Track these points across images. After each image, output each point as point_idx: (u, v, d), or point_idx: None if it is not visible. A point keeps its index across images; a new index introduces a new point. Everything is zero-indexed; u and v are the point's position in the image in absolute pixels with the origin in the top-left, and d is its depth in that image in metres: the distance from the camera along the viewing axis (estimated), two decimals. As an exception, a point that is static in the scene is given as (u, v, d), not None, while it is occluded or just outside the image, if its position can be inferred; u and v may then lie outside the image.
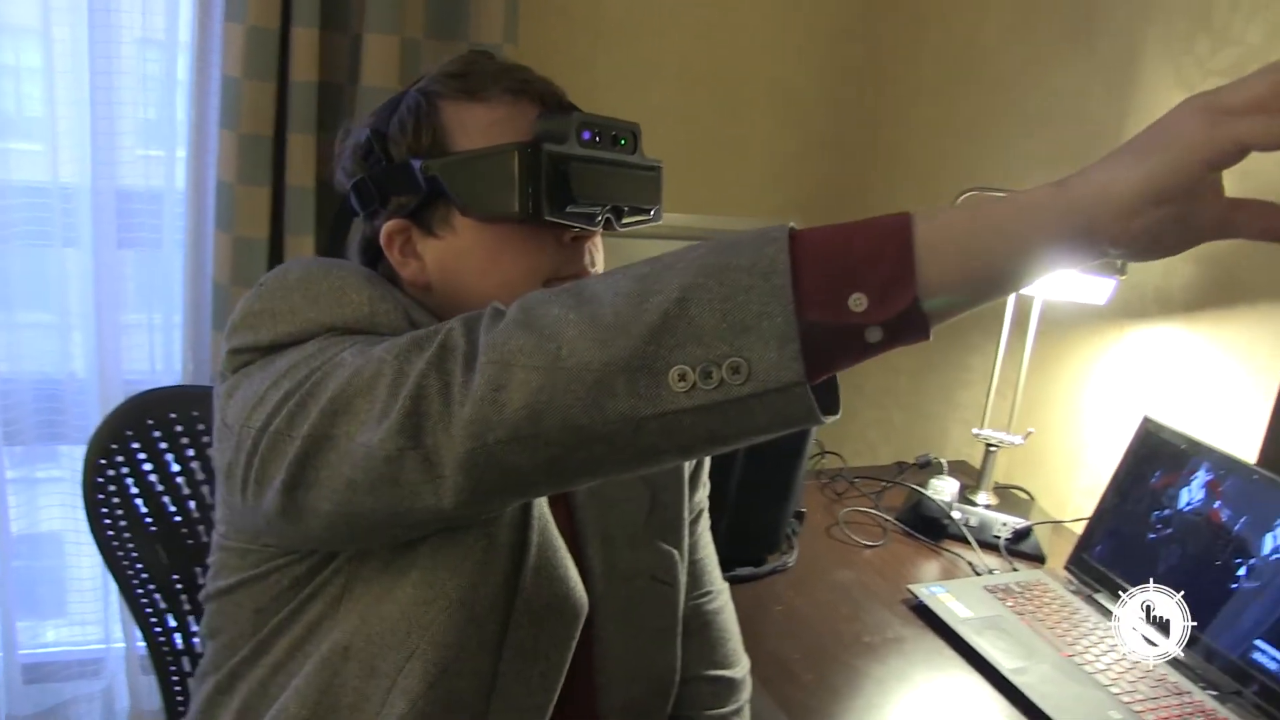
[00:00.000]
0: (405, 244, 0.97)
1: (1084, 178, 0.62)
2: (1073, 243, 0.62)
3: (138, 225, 2.06)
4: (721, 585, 1.25)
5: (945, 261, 0.64)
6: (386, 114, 0.98)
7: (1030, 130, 2.10)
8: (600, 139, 0.96)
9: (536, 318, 0.70)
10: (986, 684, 1.39)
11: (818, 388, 0.67)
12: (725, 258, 0.66)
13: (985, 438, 1.88)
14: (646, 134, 2.43)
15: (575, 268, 0.97)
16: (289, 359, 0.83)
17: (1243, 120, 0.57)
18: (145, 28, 1.96)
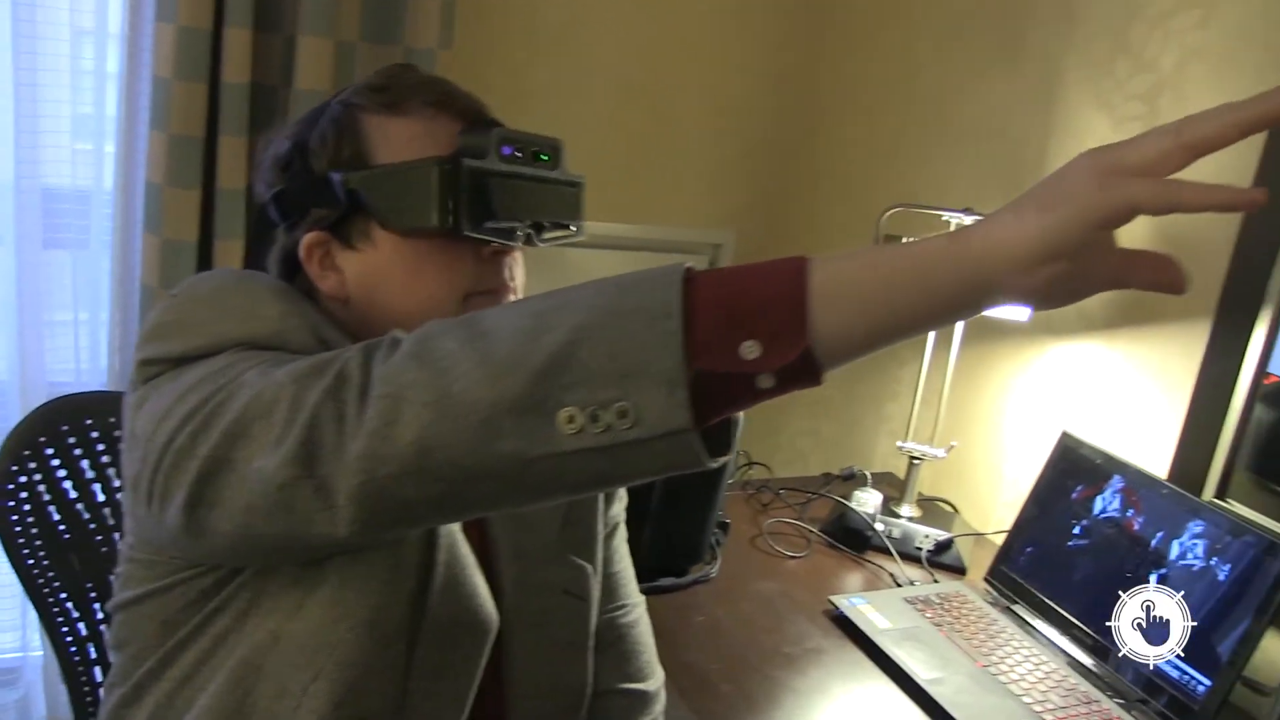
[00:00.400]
0: (324, 257, 0.97)
1: (981, 230, 0.63)
2: (968, 295, 0.63)
3: (64, 225, 2.03)
4: (637, 599, 1.25)
5: (839, 311, 0.64)
6: (308, 126, 0.98)
7: (957, 146, 2.13)
8: (521, 154, 0.97)
9: (430, 350, 0.69)
10: (903, 695, 1.41)
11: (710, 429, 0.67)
12: (619, 299, 0.66)
13: (909, 450, 1.90)
14: (582, 141, 2.44)
15: (494, 282, 0.97)
16: (197, 373, 0.82)
17: (1134, 183, 0.58)
18: (73, 19, 1.92)
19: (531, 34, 2.31)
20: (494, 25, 2.26)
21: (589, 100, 2.42)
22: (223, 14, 1.88)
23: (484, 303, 0.96)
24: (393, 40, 2.06)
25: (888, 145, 2.33)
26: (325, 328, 0.90)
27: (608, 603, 1.19)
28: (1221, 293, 1.58)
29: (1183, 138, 0.58)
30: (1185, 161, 0.59)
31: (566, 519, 1.11)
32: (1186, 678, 1.38)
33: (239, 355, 0.83)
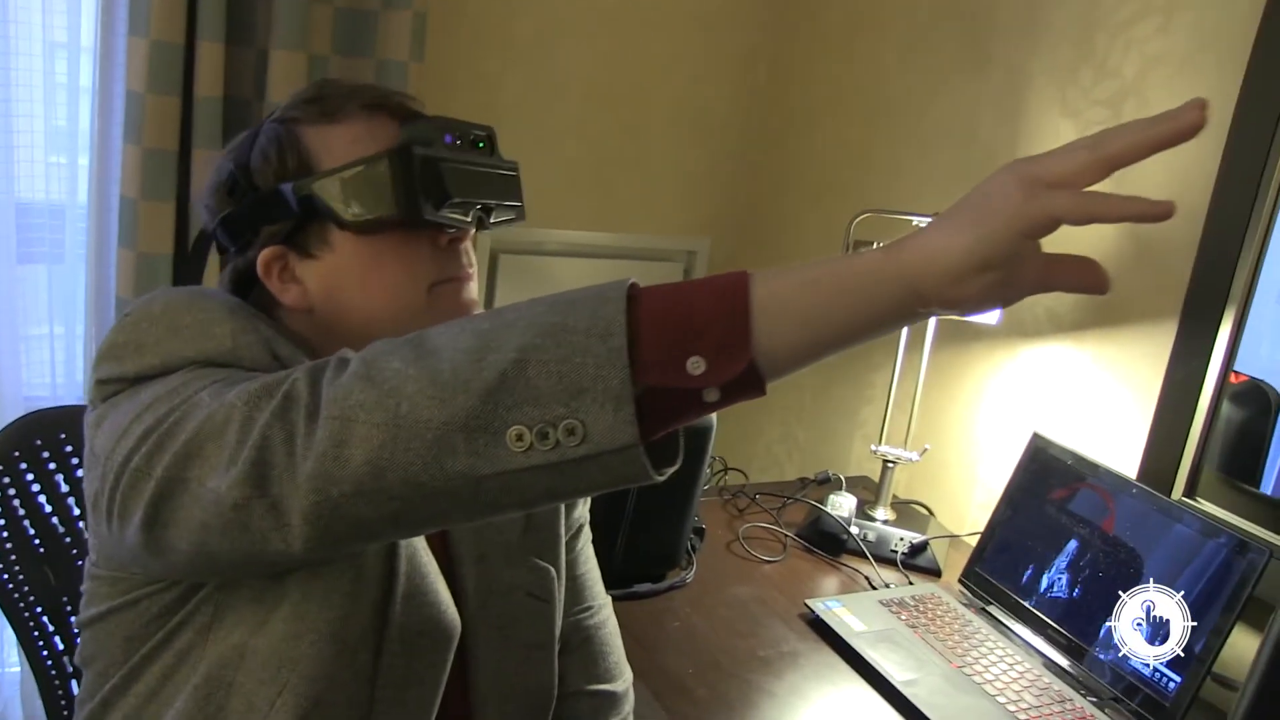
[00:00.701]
0: (283, 270, 0.98)
1: (914, 244, 0.65)
2: (904, 306, 0.66)
3: (39, 240, 2.03)
4: (604, 600, 1.27)
5: (781, 324, 0.66)
6: (246, 147, 0.99)
7: (925, 152, 2.16)
8: (461, 141, 0.99)
9: (378, 371, 0.70)
10: (879, 696, 1.43)
11: (659, 440, 0.69)
12: (564, 317, 0.67)
13: (882, 454, 1.92)
14: (555, 151, 2.46)
15: (455, 269, 0.99)
16: (153, 391, 0.83)
17: (1057, 195, 0.61)
18: (46, 33, 1.93)
19: (503, 46, 2.33)
20: (465, 37, 2.28)
21: (561, 111, 2.43)
22: (195, 28, 1.89)
23: (449, 291, 0.98)
24: (364, 53, 2.07)
25: (858, 152, 2.35)
26: (279, 343, 0.91)
27: (574, 605, 1.21)
28: (1186, 294, 1.61)
29: (1099, 152, 0.61)
30: (1102, 175, 0.62)
31: (528, 522, 1.12)
32: (1158, 675, 1.40)
33: (194, 374, 0.84)
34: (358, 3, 2.04)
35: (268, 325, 0.92)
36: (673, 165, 2.60)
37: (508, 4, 2.31)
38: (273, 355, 0.89)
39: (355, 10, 2.04)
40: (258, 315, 0.93)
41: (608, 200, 2.56)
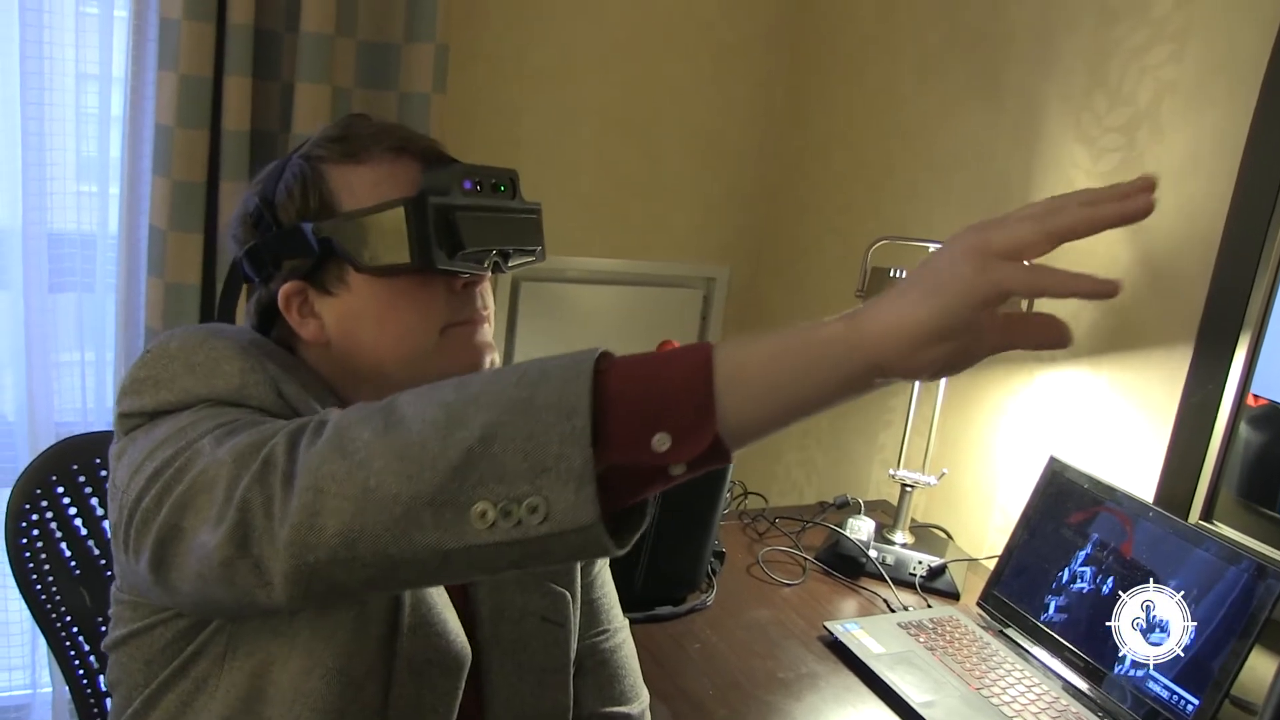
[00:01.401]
0: (303, 304, 1.00)
1: (873, 315, 0.66)
2: (864, 378, 0.67)
3: (69, 270, 2.07)
4: (621, 623, 1.27)
5: (745, 399, 0.67)
6: (273, 181, 1.02)
7: (940, 177, 2.18)
8: (481, 187, 1.00)
9: (349, 441, 0.72)
10: (897, 718, 1.44)
11: (628, 506, 0.71)
12: (532, 393, 0.68)
13: (901, 478, 1.93)
14: (574, 180, 2.49)
15: (469, 313, 1.01)
16: (166, 428, 0.86)
17: (1007, 268, 0.63)
18: (80, 63, 1.97)
19: (522, 77, 2.37)
20: (485, 69, 2.32)
21: (579, 140, 2.47)
22: (223, 62, 1.93)
23: (461, 334, 1.00)
24: (387, 86, 2.11)
25: (874, 178, 2.38)
26: (286, 381, 0.93)
27: (590, 628, 1.21)
28: (1201, 318, 1.62)
29: (1047, 227, 0.63)
30: (1049, 248, 0.64)
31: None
32: (1176, 698, 1.41)
33: (203, 413, 0.87)
34: (380, 36, 2.09)
35: (276, 364, 0.94)
36: (691, 192, 2.63)
37: (526, 35, 2.35)
38: (278, 393, 0.92)
39: (378, 44, 2.09)
40: (269, 353, 0.96)
41: (627, 228, 2.59)
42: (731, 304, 2.75)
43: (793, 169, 2.64)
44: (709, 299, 2.73)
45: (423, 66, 2.08)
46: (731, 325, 2.76)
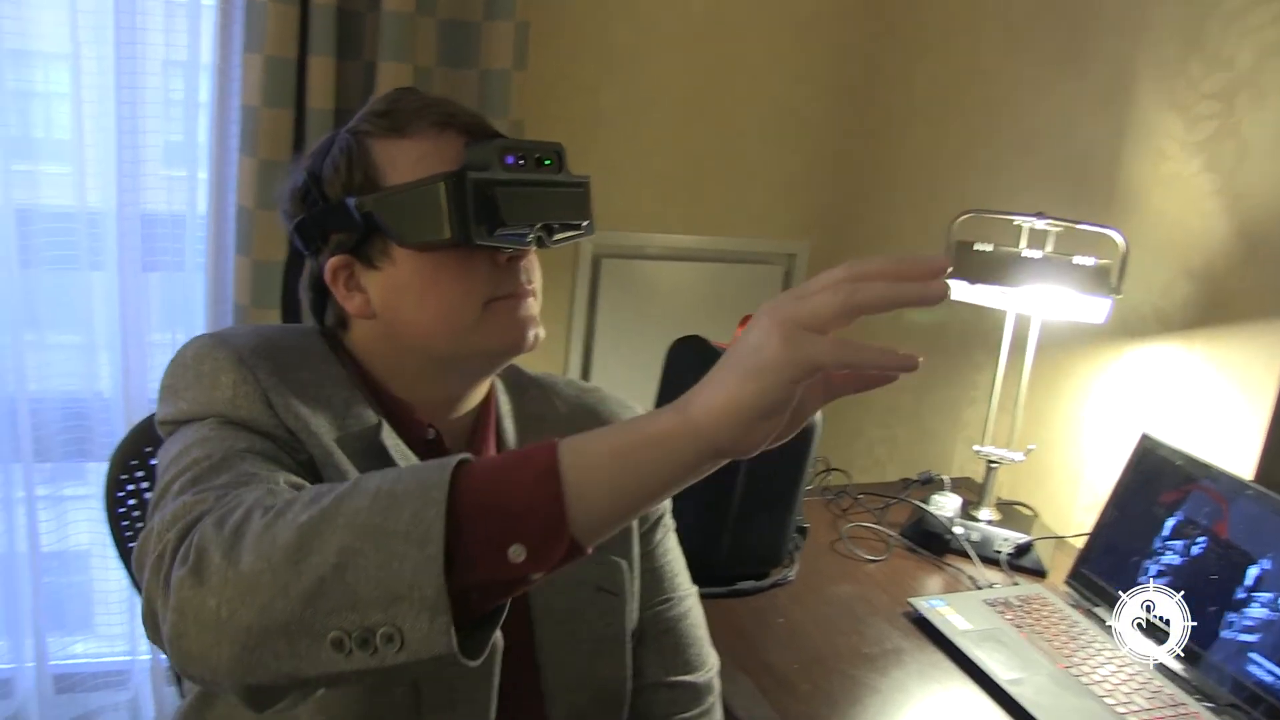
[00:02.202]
0: (349, 278, 1.01)
1: (701, 403, 0.67)
2: (702, 461, 0.68)
3: (161, 249, 2.12)
4: (686, 590, 1.25)
5: (594, 502, 0.68)
6: (320, 156, 1.02)
7: (1023, 150, 2.13)
8: (525, 161, 1.00)
9: (204, 565, 0.70)
10: (984, 695, 1.42)
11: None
12: (385, 518, 0.67)
13: (986, 454, 1.90)
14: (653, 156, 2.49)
15: (511, 287, 1.01)
16: (179, 443, 0.90)
17: (816, 344, 0.64)
18: (170, 52, 2.02)
19: (601, 54, 2.37)
20: (566, 46, 2.32)
21: (658, 116, 2.47)
22: (307, 43, 1.96)
23: (504, 308, 1.00)
24: (468, 64, 2.12)
25: (955, 152, 2.34)
26: (279, 393, 0.94)
27: (653, 596, 1.20)
28: (1302, 290, 1.57)
29: (852, 302, 0.64)
30: (853, 320, 0.65)
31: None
32: (1277, 681, 1.37)
33: (202, 434, 0.90)
34: (460, 14, 2.10)
35: (280, 367, 0.96)
36: (771, 168, 2.62)
37: (605, 12, 2.35)
38: (268, 404, 0.93)
39: (458, 21, 2.10)
40: (278, 353, 0.97)
41: (707, 204, 2.58)
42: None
43: (873, 143, 2.61)
44: (790, 275, 2.71)
45: (503, 44, 2.08)
46: (813, 301, 2.73)
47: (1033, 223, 1.76)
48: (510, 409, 1.15)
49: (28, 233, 2.01)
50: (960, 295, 1.81)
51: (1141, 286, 1.83)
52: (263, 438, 0.91)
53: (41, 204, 2.03)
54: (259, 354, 0.96)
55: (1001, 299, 1.79)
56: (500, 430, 1.12)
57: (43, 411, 2.13)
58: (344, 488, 0.71)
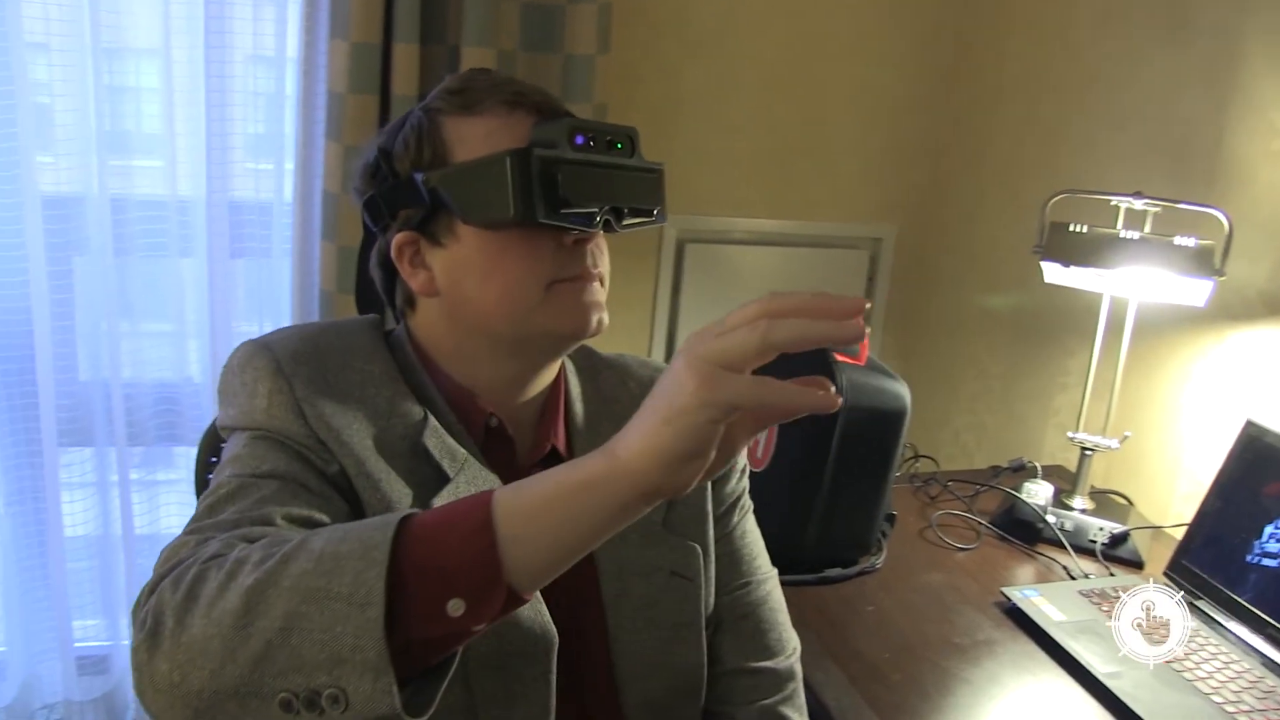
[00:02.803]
0: (414, 255, 1.00)
1: (625, 446, 0.67)
2: (635, 504, 0.68)
3: (249, 236, 2.16)
4: (766, 573, 1.23)
5: (530, 552, 0.69)
6: (393, 133, 1.02)
7: (1119, 128, 2.07)
8: (594, 143, 0.98)
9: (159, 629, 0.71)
10: (1080, 688, 1.38)
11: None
12: (328, 581, 0.68)
13: (1080, 441, 1.85)
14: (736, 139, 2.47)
15: (576, 269, 0.99)
16: (225, 455, 0.95)
17: (733, 384, 0.64)
18: (256, 45, 2.05)
19: (684, 36, 2.35)
20: (648, 29, 2.31)
21: (742, 99, 2.44)
22: (391, 29, 1.97)
23: (567, 291, 0.98)
24: (551, 48, 2.12)
25: (1047, 131, 2.28)
26: (312, 403, 0.94)
27: (730, 580, 1.18)
28: None
29: (766, 340, 0.64)
30: (769, 359, 0.65)
31: (672, 500, 1.11)
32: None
33: (240, 448, 0.93)
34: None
35: (307, 381, 0.96)
36: (856, 151, 2.58)
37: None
38: (300, 415, 0.94)
39: (541, 5, 2.09)
40: (318, 354, 0.98)
41: (791, 188, 2.55)
42: (899, 263, 2.69)
43: (961, 124, 2.56)
44: (875, 259, 2.67)
45: (586, 27, 2.08)
46: (899, 285, 2.70)
47: (1130, 202, 1.71)
48: (581, 392, 1.13)
49: (122, 221, 2.06)
50: (1054, 278, 1.76)
51: (1246, 268, 1.76)
52: (293, 453, 0.93)
53: (134, 193, 2.07)
54: (298, 359, 0.97)
55: (1097, 281, 1.74)
56: (570, 414, 1.11)
57: (136, 397, 2.17)
58: (292, 546, 0.71)
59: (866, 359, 1.60)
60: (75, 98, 1.96)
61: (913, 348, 2.70)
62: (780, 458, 1.63)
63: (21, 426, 2.13)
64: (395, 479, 0.95)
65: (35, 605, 2.24)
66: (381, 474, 0.95)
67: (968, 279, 2.54)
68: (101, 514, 2.21)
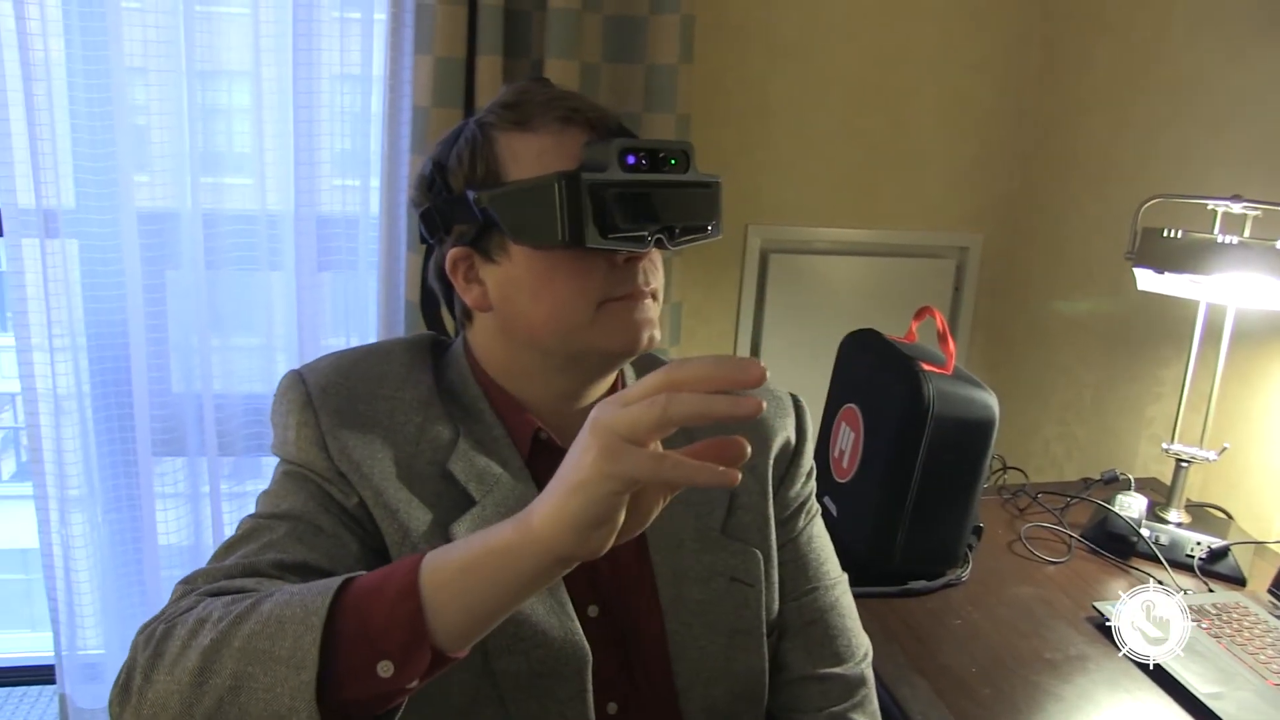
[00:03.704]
0: (468, 270, 1.01)
1: (538, 514, 0.71)
2: (549, 569, 0.73)
3: (335, 249, 2.20)
4: (835, 578, 1.20)
5: (450, 614, 0.73)
6: (448, 146, 1.02)
7: (1218, 131, 2.01)
8: (646, 161, 0.96)
9: (130, 684, 0.79)
10: (1179, 708, 1.33)
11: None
12: (272, 643, 0.74)
13: (1176, 453, 1.80)
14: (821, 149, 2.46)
15: (628, 288, 0.98)
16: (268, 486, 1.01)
17: (632, 457, 0.67)
18: (344, 64, 2.09)
19: (768, 45, 2.35)
20: (732, 39, 2.30)
21: (826, 108, 2.43)
22: (475, 43, 1.99)
23: (618, 309, 0.97)
24: (634, 59, 2.12)
25: (1138, 136, 2.22)
26: (336, 435, 0.97)
27: (797, 586, 1.16)
28: None
29: (666, 415, 0.66)
30: (669, 432, 0.68)
31: (732, 504, 1.10)
32: None
33: (273, 484, 1.00)
34: (626, 9, 2.10)
35: (333, 413, 0.99)
36: (943, 159, 2.55)
37: (772, 3, 2.33)
38: (323, 449, 0.97)
39: (624, 17, 2.10)
40: (332, 397, 1.00)
41: (877, 197, 2.53)
42: (985, 272, 2.64)
43: (1048, 131, 2.51)
44: (962, 269, 2.63)
45: (669, 38, 2.08)
46: (985, 294, 2.65)
47: (1228, 206, 1.66)
48: None
49: (213, 235, 2.11)
50: (1148, 285, 1.71)
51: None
52: (315, 488, 0.97)
53: (225, 208, 2.12)
54: (328, 391, 1.00)
55: (1192, 288, 1.69)
56: None
57: (226, 407, 2.22)
58: (246, 606, 0.77)
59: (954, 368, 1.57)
60: (171, 117, 2.02)
61: (1000, 358, 2.65)
62: (866, 468, 1.61)
63: (118, 436, 2.20)
64: (417, 506, 0.98)
65: (131, 610, 2.30)
66: (400, 503, 0.97)
67: (1057, 287, 2.48)
68: (193, 523, 2.27)
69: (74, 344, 2.10)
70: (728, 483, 0.67)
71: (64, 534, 2.17)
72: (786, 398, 1.20)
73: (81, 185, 2.03)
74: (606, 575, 1.05)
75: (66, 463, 2.13)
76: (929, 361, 1.58)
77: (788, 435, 1.17)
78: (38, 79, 1.90)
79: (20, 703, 2.57)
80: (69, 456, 2.13)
